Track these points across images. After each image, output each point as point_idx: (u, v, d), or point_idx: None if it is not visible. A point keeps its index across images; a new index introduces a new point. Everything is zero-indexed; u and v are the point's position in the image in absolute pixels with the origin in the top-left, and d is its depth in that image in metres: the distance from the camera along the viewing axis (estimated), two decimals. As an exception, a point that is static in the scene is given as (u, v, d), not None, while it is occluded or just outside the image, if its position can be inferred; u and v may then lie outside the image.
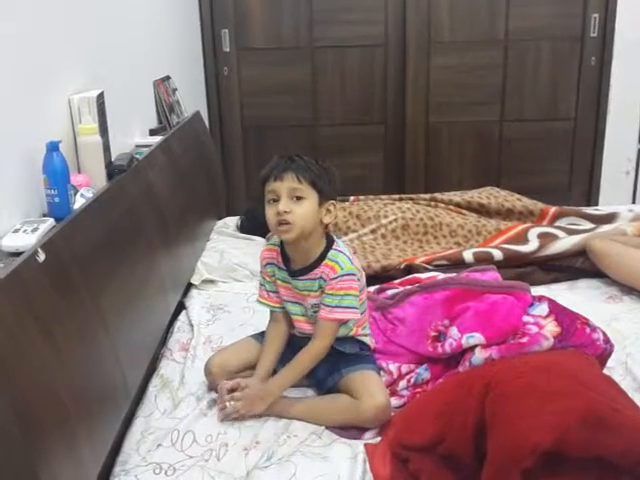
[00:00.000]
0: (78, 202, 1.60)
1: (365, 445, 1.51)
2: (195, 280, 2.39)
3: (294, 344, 1.74)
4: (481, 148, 3.88)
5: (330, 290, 1.63)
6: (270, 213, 1.61)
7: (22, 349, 1.12)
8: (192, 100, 3.29)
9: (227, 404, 1.60)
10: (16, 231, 1.38)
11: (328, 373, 1.69)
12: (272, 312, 1.78)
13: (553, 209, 2.81)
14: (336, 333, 1.66)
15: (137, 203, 1.91)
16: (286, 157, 1.63)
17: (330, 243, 1.68)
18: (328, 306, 1.63)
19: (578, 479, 1.21)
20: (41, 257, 1.25)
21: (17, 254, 1.28)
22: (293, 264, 1.70)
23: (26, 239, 1.34)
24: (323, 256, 1.65)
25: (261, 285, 1.79)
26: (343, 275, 1.63)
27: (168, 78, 2.84)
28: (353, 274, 1.64)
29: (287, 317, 1.76)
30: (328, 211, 1.65)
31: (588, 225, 2.65)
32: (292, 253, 1.70)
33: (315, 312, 1.68)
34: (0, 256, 1.31)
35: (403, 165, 3.91)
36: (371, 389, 1.60)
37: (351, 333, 1.72)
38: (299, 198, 1.59)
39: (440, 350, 1.71)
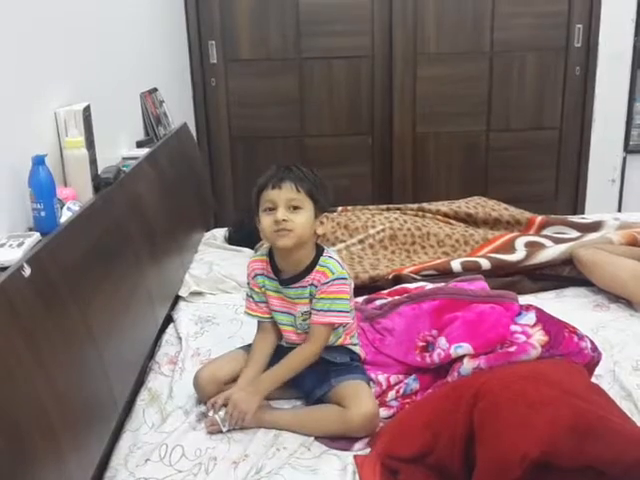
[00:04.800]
0: (64, 216, 1.59)
1: (355, 457, 1.51)
2: (183, 292, 2.38)
3: (283, 355, 1.74)
4: (468, 158, 3.91)
5: (321, 294, 1.63)
6: (267, 222, 1.62)
7: (8, 364, 1.11)
8: (179, 112, 3.29)
9: (216, 416, 1.59)
10: (1, 245, 1.37)
11: (318, 384, 1.68)
12: (260, 323, 1.78)
13: (540, 218, 2.83)
14: (328, 337, 1.67)
15: (124, 216, 1.90)
16: (284, 167, 1.64)
17: (320, 252, 1.69)
18: (320, 310, 1.64)
19: (567, 488, 1.21)
20: (27, 272, 1.24)
21: (2, 269, 1.26)
22: (283, 273, 1.70)
23: (12, 254, 1.33)
24: (314, 263, 1.66)
25: (248, 297, 1.78)
26: (334, 279, 1.63)
27: (155, 90, 2.84)
28: (344, 278, 1.65)
29: (275, 327, 1.76)
30: (321, 223, 1.66)
31: (574, 234, 2.67)
32: (282, 263, 1.70)
33: (304, 320, 1.68)
34: (-15, 271, 1.30)
35: (390, 175, 3.92)
36: (359, 398, 1.60)
37: (339, 341, 1.72)
38: (296, 208, 1.60)
39: (429, 360, 1.71)
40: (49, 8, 1.77)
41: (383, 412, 1.65)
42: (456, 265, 2.39)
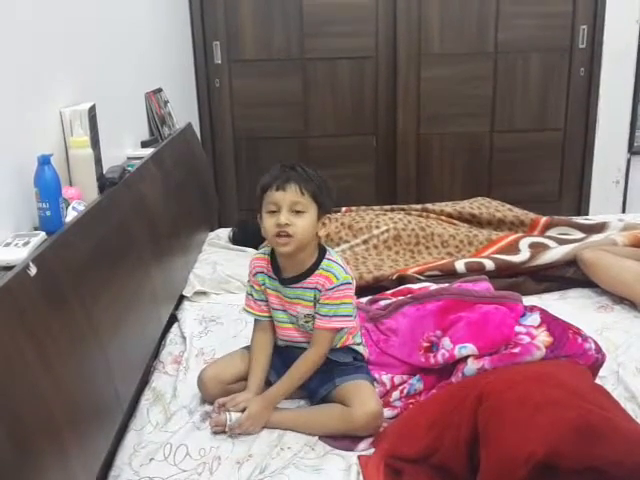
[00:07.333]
0: (70, 215, 1.60)
1: (359, 457, 1.51)
2: (187, 292, 2.38)
3: (282, 353, 1.75)
4: (472, 159, 3.91)
5: (326, 300, 1.63)
6: (269, 223, 1.61)
7: (13, 363, 1.11)
8: (184, 112, 3.29)
9: (226, 416, 1.60)
10: (7, 245, 1.37)
11: (321, 383, 1.68)
12: (257, 321, 1.77)
13: (544, 219, 2.83)
14: (333, 341, 1.67)
15: (129, 216, 1.90)
16: (288, 167, 1.62)
17: (323, 253, 1.68)
18: (325, 316, 1.64)
19: (572, 489, 1.21)
20: (32, 271, 1.24)
21: (8, 268, 1.27)
22: (284, 273, 1.70)
23: (17, 253, 1.33)
24: (316, 265, 1.66)
25: (248, 294, 1.78)
26: (340, 285, 1.63)
27: (160, 90, 2.85)
28: (349, 283, 1.65)
29: (272, 326, 1.76)
30: (324, 224, 1.66)
31: (579, 235, 2.67)
32: (284, 263, 1.69)
33: (307, 322, 1.69)
34: (-9, 270, 1.30)
35: (394, 176, 3.92)
36: (363, 397, 1.60)
37: (342, 341, 1.71)
38: (300, 212, 1.59)
39: (433, 361, 1.71)
40: (54, 8, 1.77)
41: (387, 412, 1.65)
42: (460, 266, 2.39)
